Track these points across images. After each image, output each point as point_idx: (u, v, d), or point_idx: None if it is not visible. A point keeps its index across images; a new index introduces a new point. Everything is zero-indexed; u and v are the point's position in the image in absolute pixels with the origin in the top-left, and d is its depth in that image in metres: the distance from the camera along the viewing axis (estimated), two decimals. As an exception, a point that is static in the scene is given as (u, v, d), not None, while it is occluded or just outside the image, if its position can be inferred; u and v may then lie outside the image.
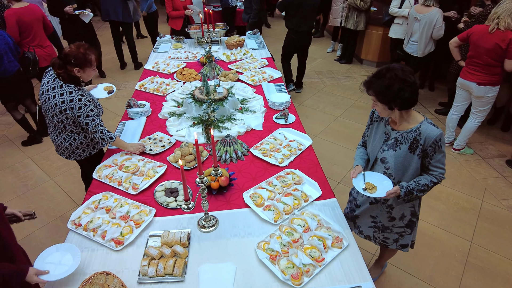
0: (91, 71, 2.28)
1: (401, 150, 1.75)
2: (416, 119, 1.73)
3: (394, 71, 1.59)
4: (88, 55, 2.20)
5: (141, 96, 3.35)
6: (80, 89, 2.27)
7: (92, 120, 2.26)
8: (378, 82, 1.62)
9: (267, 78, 3.64)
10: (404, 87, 1.57)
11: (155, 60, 4.15)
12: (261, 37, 4.96)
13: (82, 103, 2.21)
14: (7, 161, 3.70)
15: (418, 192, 1.75)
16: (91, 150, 2.50)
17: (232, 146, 2.46)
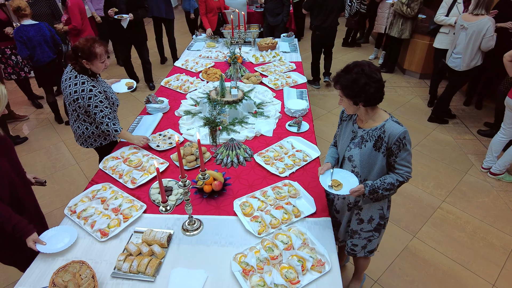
0: (99, 64, 2.31)
1: (366, 148, 1.73)
2: (382, 117, 1.71)
3: (361, 66, 1.59)
4: (93, 49, 2.24)
5: (164, 92, 3.43)
6: (93, 80, 2.35)
7: (100, 111, 2.34)
8: (345, 76, 1.62)
9: (290, 83, 3.53)
10: (369, 83, 1.56)
11: (186, 58, 4.24)
12: (296, 40, 4.84)
13: (92, 93, 2.29)
14: (45, 142, 4.02)
15: (384, 191, 1.73)
16: (102, 141, 2.58)
17: (235, 151, 2.41)
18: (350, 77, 1.59)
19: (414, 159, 3.67)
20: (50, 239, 1.82)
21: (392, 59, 5.62)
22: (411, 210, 3.06)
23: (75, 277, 1.56)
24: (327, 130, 4.23)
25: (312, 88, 5.28)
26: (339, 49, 6.85)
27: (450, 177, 3.43)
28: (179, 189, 2.15)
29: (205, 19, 4.93)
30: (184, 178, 1.70)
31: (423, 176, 3.45)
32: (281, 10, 5.05)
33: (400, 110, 4.63)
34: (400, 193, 3.23)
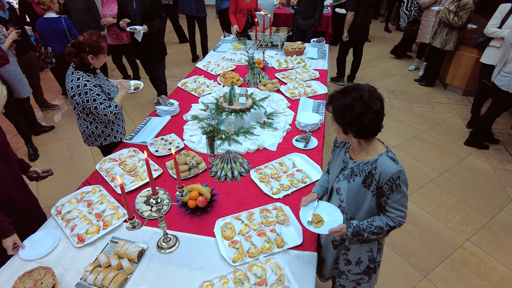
0: (103, 58, 2.36)
1: (355, 183, 1.50)
2: (376, 150, 1.47)
3: (360, 92, 1.36)
4: (101, 43, 2.28)
5: (179, 94, 3.38)
6: (87, 75, 2.31)
7: (100, 104, 2.33)
8: (340, 99, 1.40)
9: (309, 92, 3.30)
10: (365, 113, 1.34)
11: (209, 59, 4.16)
12: (327, 46, 4.56)
13: (87, 88, 2.27)
14: (68, 133, 4.17)
15: (370, 234, 1.49)
16: (102, 141, 2.59)
17: (230, 164, 2.27)
18: (345, 101, 1.37)
19: (440, 186, 3.28)
20: (35, 244, 1.81)
21: (433, 71, 5.11)
22: (426, 245, 2.71)
23: (36, 285, 1.52)
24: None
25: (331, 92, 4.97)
26: (379, 56, 6.41)
27: (481, 212, 3.01)
28: (164, 200, 2.07)
29: (232, 17, 4.80)
30: (156, 195, 1.60)
31: (448, 207, 3.06)
32: (313, 13, 4.78)
33: (433, 129, 4.18)
34: (416, 223, 2.90)
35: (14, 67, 3.53)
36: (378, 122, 1.37)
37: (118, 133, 2.63)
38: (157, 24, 3.96)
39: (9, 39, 3.44)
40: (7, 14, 3.69)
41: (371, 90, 1.37)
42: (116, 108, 2.41)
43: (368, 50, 6.66)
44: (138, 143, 2.61)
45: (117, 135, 2.63)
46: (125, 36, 4.76)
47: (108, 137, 2.59)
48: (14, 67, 3.53)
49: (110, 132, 2.57)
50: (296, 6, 4.82)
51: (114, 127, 2.60)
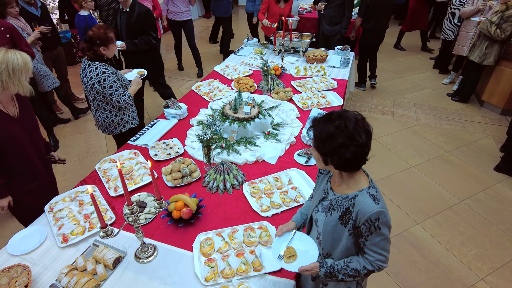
0: (113, 47, 2.55)
1: (332, 218, 1.35)
2: (358, 185, 1.31)
3: (346, 120, 1.21)
4: (108, 34, 2.47)
5: (191, 97, 3.36)
6: (104, 64, 2.53)
7: (115, 91, 2.54)
8: (322, 126, 1.25)
9: (322, 104, 3.15)
10: (347, 145, 1.19)
11: (227, 63, 4.12)
12: (352, 54, 4.35)
13: (106, 75, 2.49)
14: (88, 126, 4.31)
15: (346, 277, 1.34)
16: (122, 128, 2.81)
17: (223, 176, 2.20)
18: (327, 129, 1.22)
19: (459, 215, 2.99)
20: (23, 239, 1.85)
21: (469, 86, 4.70)
22: (432, 279, 2.47)
23: (9, 283, 1.55)
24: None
25: (359, 104, 4.73)
26: (412, 67, 6.04)
27: (502, 249, 2.69)
28: (151, 207, 2.05)
29: (261, 16, 4.72)
30: (131, 205, 1.57)
31: (464, 239, 2.77)
32: (340, 20, 4.58)
33: (461, 150, 3.84)
34: (424, 253, 2.65)
35: (37, 64, 3.70)
36: (362, 156, 1.22)
37: (134, 120, 2.88)
38: (140, 42, 3.55)
39: (31, 37, 3.60)
40: (39, 11, 3.88)
41: (358, 119, 1.22)
42: (129, 98, 2.64)
43: (401, 60, 6.30)
44: (141, 145, 2.63)
45: (133, 121, 2.87)
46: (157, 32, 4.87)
47: (126, 124, 2.81)
48: (37, 64, 3.70)
49: (127, 119, 2.81)
50: (323, 11, 4.64)
51: (131, 114, 2.84)
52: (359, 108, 4.70)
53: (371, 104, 4.80)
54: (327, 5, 4.57)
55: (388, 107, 4.72)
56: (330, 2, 4.51)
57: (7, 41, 3.07)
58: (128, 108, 2.78)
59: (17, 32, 3.15)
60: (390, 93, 5.12)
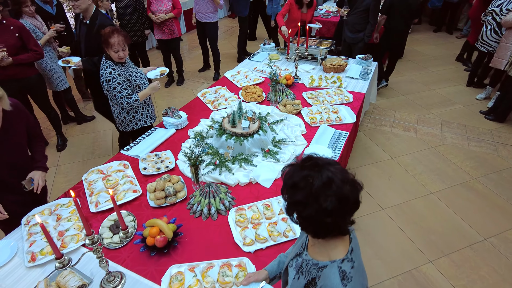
0: (112, 53, 2.46)
1: (299, 282, 1.10)
2: (330, 253, 1.04)
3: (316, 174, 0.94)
4: (109, 37, 2.40)
5: (195, 105, 3.20)
6: (116, 64, 2.53)
7: (119, 92, 2.54)
8: (293, 169, 1.01)
9: (332, 120, 2.87)
10: (309, 204, 0.94)
11: (239, 69, 3.92)
12: (374, 64, 4.01)
13: (112, 76, 2.50)
14: (98, 126, 4.26)
15: None
16: (134, 126, 2.82)
17: (208, 199, 2.01)
18: (294, 176, 0.99)
19: (481, 256, 2.61)
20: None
21: (505, 104, 4.19)
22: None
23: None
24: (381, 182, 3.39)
25: (379, 118, 4.36)
26: (443, 79, 5.54)
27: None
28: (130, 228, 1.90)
29: (280, 18, 4.44)
30: (91, 234, 1.41)
31: (485, 286, 2.41)
32: (363, 27, 4.23)
33: (490, 177, 3.40)
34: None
35: (50, 63, 3.68)
36: (328, 226, 0.96)
37: (148, 118, 2.86)
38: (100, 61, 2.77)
39: (46, 36, 3.57)
40: (54, 10, 3.87)
41: (332, 179, 0.94)
42: (136, 102, 2.61)
43: (432, 71, 5.81)
44: (133, 156, 2.50)
45: (146, 120, 2.86)
46: (176, 31, 4.79)
47: (138, 121, 2.81)
48: (50, 63, 3.68)
49: (140, 117, 2.80)
50: (346, 17, 4.32)
51: (144, 112, 2.83)
52: (379, 122, 4.35)
53: (393, 118, 4.42)
54: (350, 11, 4.24)
55: (411, 123, 4.32)
56: (354, 8, 4.17)
57: (16, 40, 3.05)
58: (140, 107, 2.78)
59: (26, 32, 3.12)
60: (416, 107, 4.70)
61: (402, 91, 5.12)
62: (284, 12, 4.40)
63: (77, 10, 2.89)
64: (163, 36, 4.82)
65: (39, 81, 3.40)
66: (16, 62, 3.06)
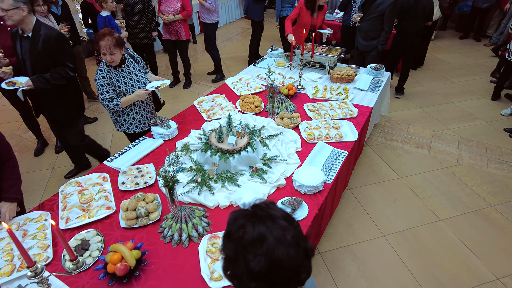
0: (102, 55, 2.43)
1: None
2: None
3: (251, 226, 0.80)
4: (99, 40, 2.37)
5: (189, 113, 3.05)
6: (107, 66, 2.51)
7: (101, 94, 2.52)
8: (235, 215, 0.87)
9: (332, 137, 2.65)
10: (236, 260, 0.81)
11: (241, 75, 3.74)
12: (387, 75, 3.72)
13: (97, 77, 2.49)
14: (99, 129, 4.18)
15: None
16: (126, 130, 2.77)
17: (180, 224, 1.85)
18: (232, 225, 0.85)
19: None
20: None
21: (534, 124, 3.81)
22: None
23: None
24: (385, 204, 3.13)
25: (391, 132, 4.06)
26: (465, 91, 5.13)
27: None
28: (93, 250, 1.77)
29: (289, 24, 4.22)
30: (33, 266, 1.29)
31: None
32: (377, 34, 3.94)
33: (510, 205, 3.06)
34: None
35: None
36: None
37: (140, 124, 2.79)
38: (54, 76, 2.62)
39: None
40: (59, 10, 3.84)
41: (265, 236, 0.78)
42: (117, 106, 2.55)
43: (454, 81, 5.41)
44: (115, 168, 2.38)
45: (138, 125, 2.79)
46: (183, 33, 4.67)
47: (130, 126, 2.76)
48: None
49: (131, 121, 2.75)
50: (359, 23, 4.04)
51: (136, 116, 2.75)
52: (390, 136, 4.05)
53: (405, 133, 4.11)
54: (363, 17, 3.96)
55: (425, 139, 4.00)
56: (367, 13, 3.90)
57: (14, 42, 3.00)
58: (133, 111, 2.72)
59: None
60: (432, 121, 4.35)
61: (418, 102, 4.77)
62: (293, 16, 4.17)
63: (9, 22, 2.44)
64: (171, 37, 4.72)
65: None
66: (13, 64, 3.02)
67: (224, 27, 8.42)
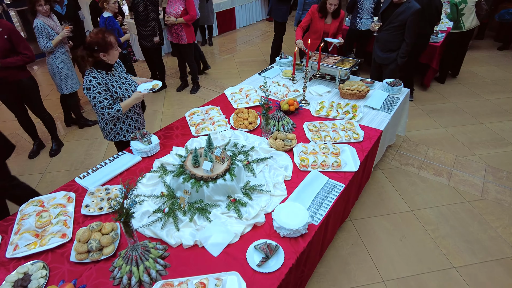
0: (114, 52, 2.29)
1: None
2: None
3: None
4: (107, 39, 2.22)
5: (178, 126, 2.80)
6: (98, 72, 2.30)
7: (99, 102, 2.29)
8: None
9: (329, 165, 2.30)
10: None
11: (242, 86, 3.45)
12: (405, 92, 3.29)
13: (91, 84, 2.26)
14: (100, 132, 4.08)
15: None
16: (122, 138, 2.58)
17: (130, 266, 1.58)
18: None
19: None
20: None
21: None
22: None
23: None
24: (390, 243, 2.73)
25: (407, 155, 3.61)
26: (499, 110, 4.53)
27: None
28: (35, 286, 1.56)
29: (299, 31, 3.87)
30: None
31: None
32: (396, 45, 3.50)
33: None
34: None
35: (61, 63, 3.55)
36: None
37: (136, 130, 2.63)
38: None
39: (59, 36, 3.44)
40: (64, 10, 3.73)
41: None
42: (118, 112, 2.37)
43: (487, 98, 4.82)
44: (84, 186, 2.17)
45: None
46: (184, 37, 4.45)
47: (126, 133, 2.57)
48: (61, 63, 3.55)
49: (128, 128, 2.57)
50: (377, 33, 3.62)
51: (132, 123, 2.59)
52: (406, 160, 3.60)
53: (423, 157, 3.65)
54: (382, 26, 3.53)
55: (446, 165, 3.52)
56: (387, 22, 3.47)
57: (5, 42, 2.91)
58: (129, 117, 2.56)
59: (16, 34, 2.98)
60: (456, 144, 3.85)
61: (443, 121, 4.26)
62: (304, 24, 3.83)
63: None
64: (173, 39, 4.53)
65: (31, 85, 3.26)
66: (4, 65, 2.93)
67: (244, 29, 8.14)
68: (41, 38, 3.30)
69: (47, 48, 3.36)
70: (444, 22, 5.61)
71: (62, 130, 4.16)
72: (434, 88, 5.11)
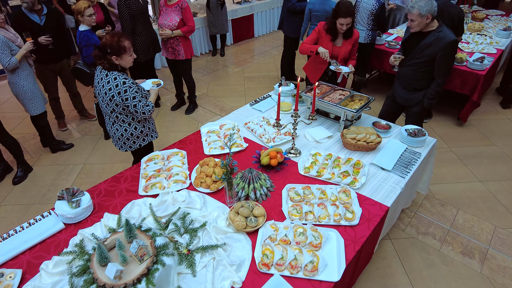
0: (128, 57, 2.24)
1: None
2: None
3: None
4: (121, 43, 2.16)
5: (132, 174, 2.24)
6: (123, 74, 2.25)
7: (139, 101, 2.27)
8: None
9: (301, 267, 1.60)
10: None
11: (225, 121, 2.79)
12: (430, 145, 2.49)
13: (127, 85, 2.20)
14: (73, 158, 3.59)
15: None
16: (141, 142, 2.53)
17: None
18: None
19: None
20: None
21: None
22: None
23: None
24: None
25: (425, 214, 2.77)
26: None
27: None
28: None
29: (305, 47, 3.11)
30: None
31: None
32: (423, 85, 2.66)
33: None
34: None
35: (25, 82, 3.14)
36: None
37: (153, 132, 2.62)
38: None
39: (22, 50, 3.02)
40: (43, 20, 3.30)
41: None
42: (153, 108, 2.38)
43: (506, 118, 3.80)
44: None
45: (153, 134, 2.61)
46: (182, 52, 3.88)
47: (146, 137, 2.53)
48: (25, 82, 3.14)
49: (147, 131, 2.54)
50: (397, 68, 2.79)
51: (150, 126, 2.57)
52: (425, 227, 2.74)
53: (450, 224, 2.79)
54: (404, 60, 2.70)
55: (480, 240, 2.64)
56: (410, 56, 2.63)
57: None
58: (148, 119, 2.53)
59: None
60: (497, 208, 2.93)
61: (481, 172, 3.34)
62: (309, 42, 3.10)
63: None
64: (168, 55, 3.97)
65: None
66: None
67: (262, 38, 7.43)
68: (3, 54, 2.88)
69: (11, 65, 2.94)
70: (494, 42, 4.62)
71: (33, 153, 3.68)
72: (474, 123, 4.14)
